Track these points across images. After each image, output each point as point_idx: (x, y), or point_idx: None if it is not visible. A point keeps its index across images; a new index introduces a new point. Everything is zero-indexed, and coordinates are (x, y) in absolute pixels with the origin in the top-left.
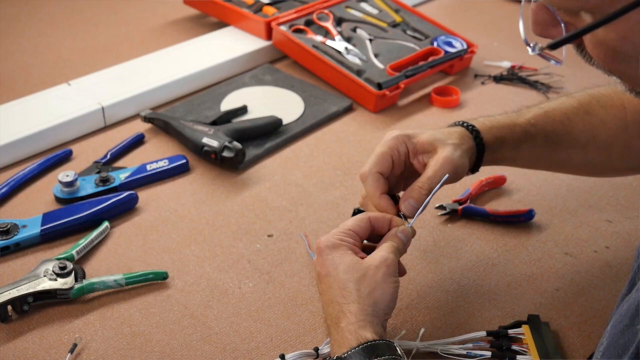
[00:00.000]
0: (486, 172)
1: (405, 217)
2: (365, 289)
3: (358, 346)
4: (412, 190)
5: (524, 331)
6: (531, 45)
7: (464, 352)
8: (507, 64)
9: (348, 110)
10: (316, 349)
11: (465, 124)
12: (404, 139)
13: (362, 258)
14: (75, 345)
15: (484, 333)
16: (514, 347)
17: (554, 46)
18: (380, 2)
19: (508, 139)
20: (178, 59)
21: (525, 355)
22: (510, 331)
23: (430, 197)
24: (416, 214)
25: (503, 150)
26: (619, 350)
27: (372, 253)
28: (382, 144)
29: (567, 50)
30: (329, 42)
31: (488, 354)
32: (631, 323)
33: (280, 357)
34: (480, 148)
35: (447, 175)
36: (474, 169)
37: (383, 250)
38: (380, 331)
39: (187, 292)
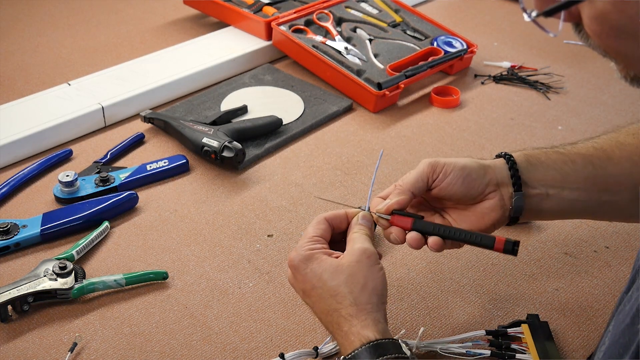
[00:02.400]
0: None
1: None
2: (356, 287)
3: (361, 347)
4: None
5: (523, 330)
6: (527, 11)
7: (464, 350)
8: (507, 64)
9: (348, 110)
10: (315, 348)
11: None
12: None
13: (338, 258)
14: (75, 344)
15: (483, 332)
16: (514, 346)
17: (549, 12)
18: (380, 2)
19: (543, 159)
20: (178, 59)
21: (525, 354)
22: (509, 330)
23: (374, 177)
24: (368, 196)
25: (539, 170)
26: (621, 350)
27: (347, 249)
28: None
29: (567, 49)
30: (329, 42)
31: (487, 352)
32: (632, 322)
33: (280, 356)
34: (510, 160)
35: (382, 150)
36: (517, 195)
37: (357, 243)
38: (383, 329)
39: (187, 292)
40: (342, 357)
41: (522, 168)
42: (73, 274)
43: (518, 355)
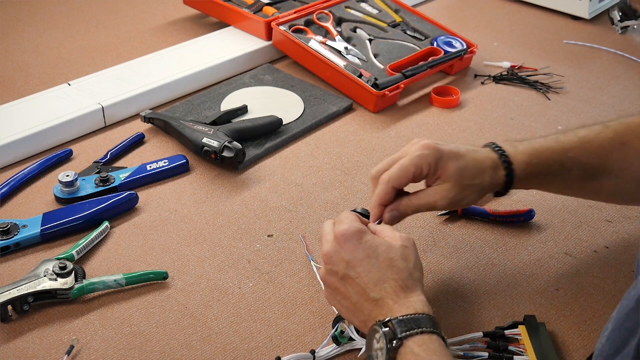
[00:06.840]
0: None
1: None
2: (410, 264)
3: (423, 313)
4: (400, 204)
5: (520, 332)
6: None
7: (461, 353)
8: (506, 64)
9: (348, 110)
10: (312, 352)
11: (499, 151)
12: (434, 156)
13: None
14: (72, 347)
15: (480, 334)
16: (511, 348)
17: None
18: (380, 2)
19: (543, 173)
20: (178, 59)
21: (522, 355)
22: (506, 332)
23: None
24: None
25: (534, 181)
26: (626, 334)
27: (388, 234)
28: (410, 156)
29: (567, 49)
30: (329, 42)
31: (485, 354)
32: (637, 306)
33: (276, 359)
34: (509, 179)
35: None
36: (500, 193)
37: (396, 231)
38: (433, 314)
39: (187, 292)
40: (393, 317)
41: (518, 181)
42: (73, 274)
43: (516, 357)
